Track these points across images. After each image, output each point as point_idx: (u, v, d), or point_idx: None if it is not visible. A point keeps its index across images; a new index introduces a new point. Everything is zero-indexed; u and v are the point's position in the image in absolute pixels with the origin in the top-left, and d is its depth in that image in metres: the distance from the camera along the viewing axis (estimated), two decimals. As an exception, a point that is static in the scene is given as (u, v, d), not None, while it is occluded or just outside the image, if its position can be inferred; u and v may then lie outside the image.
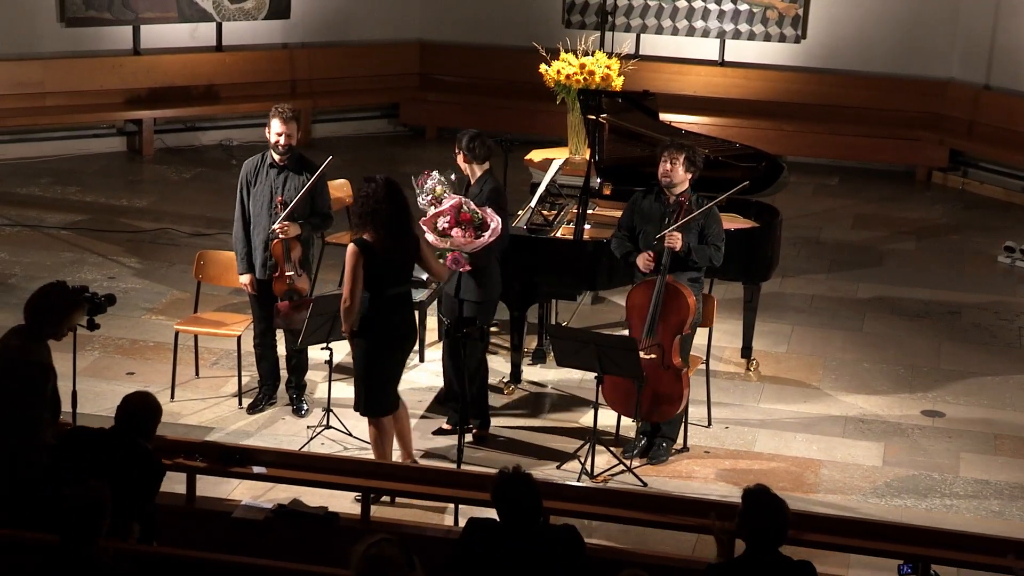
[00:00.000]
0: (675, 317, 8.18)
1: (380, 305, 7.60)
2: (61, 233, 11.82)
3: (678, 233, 8.12)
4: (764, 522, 5.60)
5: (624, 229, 8.46)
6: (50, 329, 6.49)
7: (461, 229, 8.13)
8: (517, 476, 5.86)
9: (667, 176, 8.26)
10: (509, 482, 5.83)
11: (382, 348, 7.67)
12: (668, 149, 8.31)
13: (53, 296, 6.57)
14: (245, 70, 14.64)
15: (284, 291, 8.49)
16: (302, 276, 8.50)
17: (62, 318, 6.51)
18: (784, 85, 14.54)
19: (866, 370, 9.78)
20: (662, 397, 8.23)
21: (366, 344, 7.66)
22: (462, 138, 8.51)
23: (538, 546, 5.76)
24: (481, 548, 5.79)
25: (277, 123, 8.45)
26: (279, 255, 8.45)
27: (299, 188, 8.45)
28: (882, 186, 14.01)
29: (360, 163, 13.92)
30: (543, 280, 9.09)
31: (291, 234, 8.41)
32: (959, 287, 11.37)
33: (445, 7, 15.29)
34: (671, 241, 8.12)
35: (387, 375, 7.74)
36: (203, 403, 8.95)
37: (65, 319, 6.52)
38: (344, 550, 5.15)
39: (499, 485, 5.84)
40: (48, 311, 6.50)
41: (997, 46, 14.03)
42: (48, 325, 6.49)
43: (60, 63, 13.85)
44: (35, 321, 6.49)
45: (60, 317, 6.50)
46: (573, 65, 11.00)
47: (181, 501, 6.97)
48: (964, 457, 8.62)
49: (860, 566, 7.13)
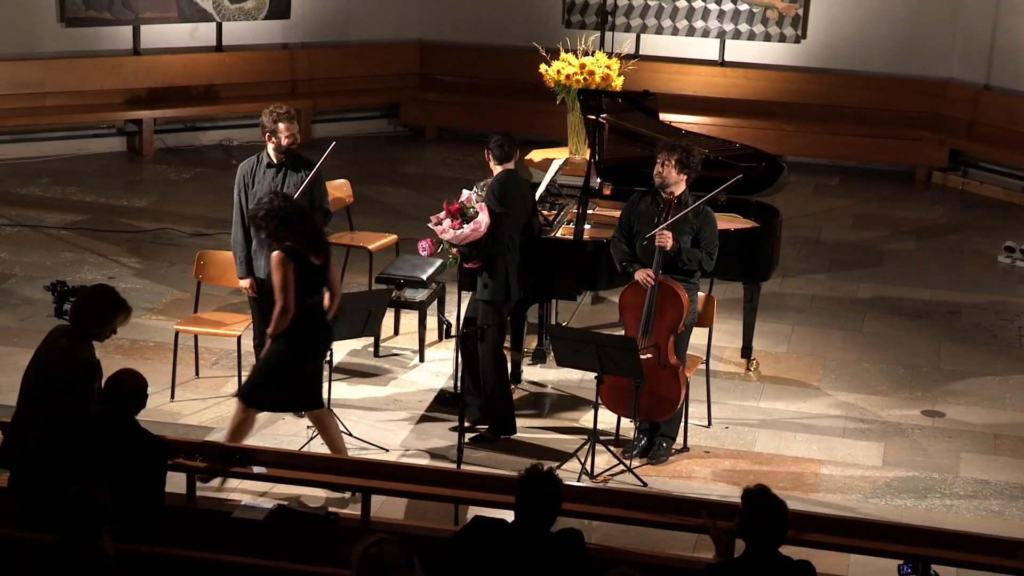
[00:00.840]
0: (670, 316, 8.18)
1: (300, 315, 7.61)
2: (61, 233, 11.82)
3: (668, 232, 8.11)
4: (764, 522, 5.60)
5: (623, 230, 8.45)
6: (96, 329, 6.59)
7: (450, 219, 8.24)
8: (546, 475, 5.86)
9: (660, 177, 8.26)
10: (537, 479, 5.84)
11: (297, 357, 7.68)
12: (661, 150, 8.32)
13: (100, 298, 6.67)
14: (245, 70, 14.64)
15: None
16: None
17: (107, 320, 6.60)
18: (784, 85, 14.54)
19: (866, 370, 9.78)
20: (660, 396, 8.23)
21: (284, 348, 7.66)
22: (490, 137, 8.61)
23: (542, 547, 5.76)
24: (484, 547, 5.78)
25: (284, 125, 8.49)
26: None
27: (297, 186, 8.46)
28: (882, 186, 14.01)
29: (360, 163, 13.93)
30: (543, 280, 9.08)
31: None
32: (959, 287, 11.37)
33: (445, 7, 15.29)
34: (661, 240, 8.11)
35: (283, 380, 7.72)
36: (203, 403, 8.95)
37: (109, 321, 6.60)
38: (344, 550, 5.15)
39: (526, 480, 5.83)
40: (95, 312, 6.59)
41: (997, 46, 14.03)
42: (94, 326, 6.58)
43: (60, 63, 13.84)
44: (82, 321, 6.58)
45: (106, 319, 6.60)
46: (573, 65, 11.01)
47: (181, 501, 6.97)
48: (964, 457, 8.62)
49: (860, 566, 7.13)
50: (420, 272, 9.75)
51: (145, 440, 6.27)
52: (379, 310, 8.55)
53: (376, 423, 8.74)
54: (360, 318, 8.35)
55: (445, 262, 9.41)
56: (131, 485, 6.05)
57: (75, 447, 6.19)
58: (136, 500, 6.10)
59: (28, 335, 9.60)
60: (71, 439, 6.23)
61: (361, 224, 11.14)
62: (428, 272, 9.75)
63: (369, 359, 9.64)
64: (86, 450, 6.16)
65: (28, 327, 9.78)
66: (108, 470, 5.97)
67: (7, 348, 9.48)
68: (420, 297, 9.61)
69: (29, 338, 9.56)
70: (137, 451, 6.21)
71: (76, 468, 6.04)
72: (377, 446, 8.42)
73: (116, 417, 6.25)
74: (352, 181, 11.18)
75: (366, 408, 8.94)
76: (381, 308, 8.60)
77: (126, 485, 5.97)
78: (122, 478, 5.97)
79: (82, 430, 6.24)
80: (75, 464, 6.09)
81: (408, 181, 13.51)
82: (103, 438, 6.19)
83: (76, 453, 6.16)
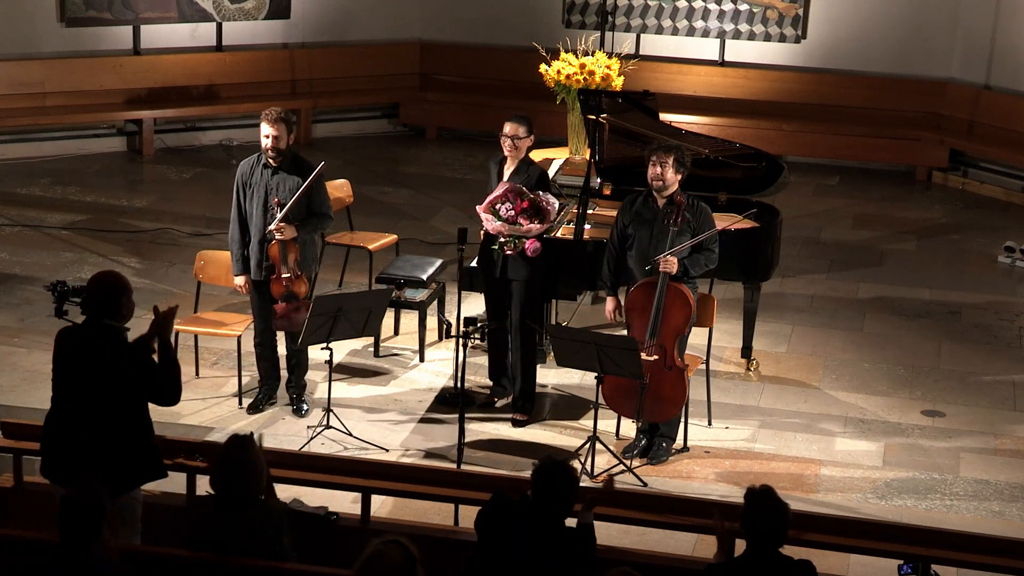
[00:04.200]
0: (677, 318, 8.19)
1: None
2: (61, 233, 11.82)
3: (673, 259, 8.11)
4: (766, 522, 5.61)
5: (617, 236, 8.44)
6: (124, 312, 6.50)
7: (526, 216, 8.32)
8: (564, 466, 5.89)
9: (658, 179, 8.23)
10: (555, 467, 5.87)
11: None
12: (656, 152, 8.27)
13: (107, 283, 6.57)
14: (245, 70, 14.64)
15: (281, 293, 8.50)
16: (300, 278, 8.50)
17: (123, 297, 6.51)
18: (784, 85, 14.53)
19: (866, 370, 9.78)
20: (664, 398, 8.23)
21: None
22: (524, 121, 8.69)
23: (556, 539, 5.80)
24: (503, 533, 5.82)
25: (264, 126, 8.46)
26: (275, 257, 8.46)
27: (294, 189, 8.44)
28: (882, 186, 14.01)
29: (360, 163, 13.94)
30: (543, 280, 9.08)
31: (287, 236, 8.41)
32: (959, 287, 11.38)
33: (445, 7, 15.29)
34: (666, 267, 8.11)
35: None
36: (203, 403, 8.95)
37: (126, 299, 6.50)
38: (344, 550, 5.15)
39: (545, 468, 5.85)
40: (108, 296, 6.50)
41: (997, 46, 14.03)
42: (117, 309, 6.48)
43: (60, 63, 13.84)
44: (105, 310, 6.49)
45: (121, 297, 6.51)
46: (573, 65, 11.00)
47: (181, 501, 6.97)
48: (964, 457, 8.63)
49: (860, 566, 7.13)
50: (420, 272, 9.75)
51: (123, 343, 6.27)
52: (379, 310, 8.55)
53: (376, 423, 8.74)
54: (360, 318, 8.35)
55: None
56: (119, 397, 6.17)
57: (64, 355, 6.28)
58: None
59: (28, 335, 9.61)
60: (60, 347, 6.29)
61: (361, 224, 11.14)
62: (428, 272, 9.76)
63: (369, 359, 9.64)
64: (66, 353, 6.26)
65: (28, 327, 9.78)
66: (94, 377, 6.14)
67: (7, 348, 9.48)
68: (420, 297, 9.61)
69: (29, 338, 9.58)
70: (115, 353, 6.21)
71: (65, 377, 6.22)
72: (377, 446, 8.43)
73: (95, 320, 6.26)
74: (352, 181, 11.18)
75: (366, 408, 8.95)
76: (381, 308, 8.60)
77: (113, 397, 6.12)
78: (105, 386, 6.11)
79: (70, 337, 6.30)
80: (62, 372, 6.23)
81: (408, 181, 13.51)
82: (83, 342, 6.24)
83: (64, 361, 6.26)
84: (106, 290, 6.31)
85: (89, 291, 6.30)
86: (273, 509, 6.04)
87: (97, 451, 6.24)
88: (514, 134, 8.66)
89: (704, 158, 9.51)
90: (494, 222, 8.41)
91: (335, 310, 8.20)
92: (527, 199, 8.35)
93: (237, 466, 5.89)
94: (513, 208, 8.33)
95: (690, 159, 8.38)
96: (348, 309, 8.26)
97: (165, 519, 6.68)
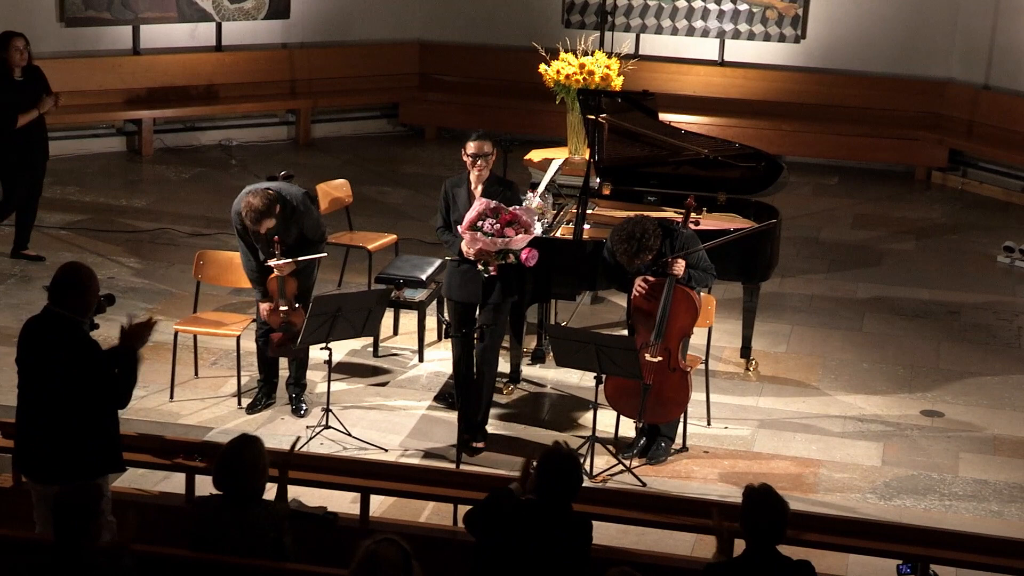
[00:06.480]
0: (683, 320, 8.19)
1: None
2: (61, 233, 11.82)
3: (682, 261, 8.15)
4: (765, 521, 5.61)
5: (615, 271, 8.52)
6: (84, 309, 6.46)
7: (513, 228, 8.21)
8: (569, 455, 5.90)
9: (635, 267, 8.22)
10: (560, 455, 5.88)
11: None
12: (622, 253, 8.12)
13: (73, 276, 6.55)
14: (245, 70, 14.65)
15: (279, 324, 8.55)
16: (297, 310, 8.54)
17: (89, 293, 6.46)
18: (784, 85, 14.54)
19: (865, 370, 9.78)
20: (667, 399, 8.24)
21: None
22: (489, 137, 8.48)
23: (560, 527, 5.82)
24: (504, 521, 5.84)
25: (254, 228, 8.33)
26: (274, 290, 8.52)
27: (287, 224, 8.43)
28: (882, 186, 14.02)
29: (359, 163, 13.94)
30: (542, 280, 9.08)
31: (286, 272, 8.46)
32: (958, 287, 11.38)
33: (445, 7, 15.30)
34: (675, 268, 8.14)
35: None
36: (202, 403, 8.95)
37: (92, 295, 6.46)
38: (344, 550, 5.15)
39: (550, 456, 5.87)
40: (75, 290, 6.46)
41: (997, 46, 14.03)
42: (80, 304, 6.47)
43: (60, 63, 13.80)
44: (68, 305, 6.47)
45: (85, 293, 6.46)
46: (573, 65, 11.00)
47: (181, 501, 6.97)
48: (963, 457, 8.63)
49: (859, 566, 7.14)
50: (419, 272, 9.76)
51: (81, 338, 6.22)
52: (378, 310, 8.56)
53: (376, 423, 8.74)
54: (360, 318, 8.35)
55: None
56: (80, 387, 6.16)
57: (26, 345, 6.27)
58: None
59: (28, 335, 9.61)
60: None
61: (360, 224, 11.15)
62: (427, 272, 9.76)
63: (369, 359, 9.65)
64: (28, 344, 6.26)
65: (28, 327, 9.78)
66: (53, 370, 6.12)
67: (7, 348, 9.46)
68: (419, 297, 9.62)
69: (29, 338, 9.57)
70: (70, 347, 6.19)
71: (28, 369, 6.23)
72: (377, 446, 8.43)
73: (56, 315, 6.22)
74: (352, 181, 11.19)
75: (366, 408, 8.95)
76: (380, 308, 8.61)
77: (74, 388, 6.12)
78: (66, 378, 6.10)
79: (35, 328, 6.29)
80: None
81: (408, 181, 13.51)
82: (43, 334, 6.22)
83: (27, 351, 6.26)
84: (70, 280, 6.27)
85: (54, 279, 6.29)
86: (276, 509, 6.05)
87: (52, 441, 6.23)
88: (481, 152, 8.45)
89: (704, 158, 9.52)
90: (481, 239, 8.27)
91: (334, 310, 8.20)
92: (507, 212, 8.25)
93: (241, 461, 5.90)
94: (497, 222, 8.23)
95: (656, 239, 8.14)
96: (347, 309, 8.26)
97: (165, 519, 6.68)
